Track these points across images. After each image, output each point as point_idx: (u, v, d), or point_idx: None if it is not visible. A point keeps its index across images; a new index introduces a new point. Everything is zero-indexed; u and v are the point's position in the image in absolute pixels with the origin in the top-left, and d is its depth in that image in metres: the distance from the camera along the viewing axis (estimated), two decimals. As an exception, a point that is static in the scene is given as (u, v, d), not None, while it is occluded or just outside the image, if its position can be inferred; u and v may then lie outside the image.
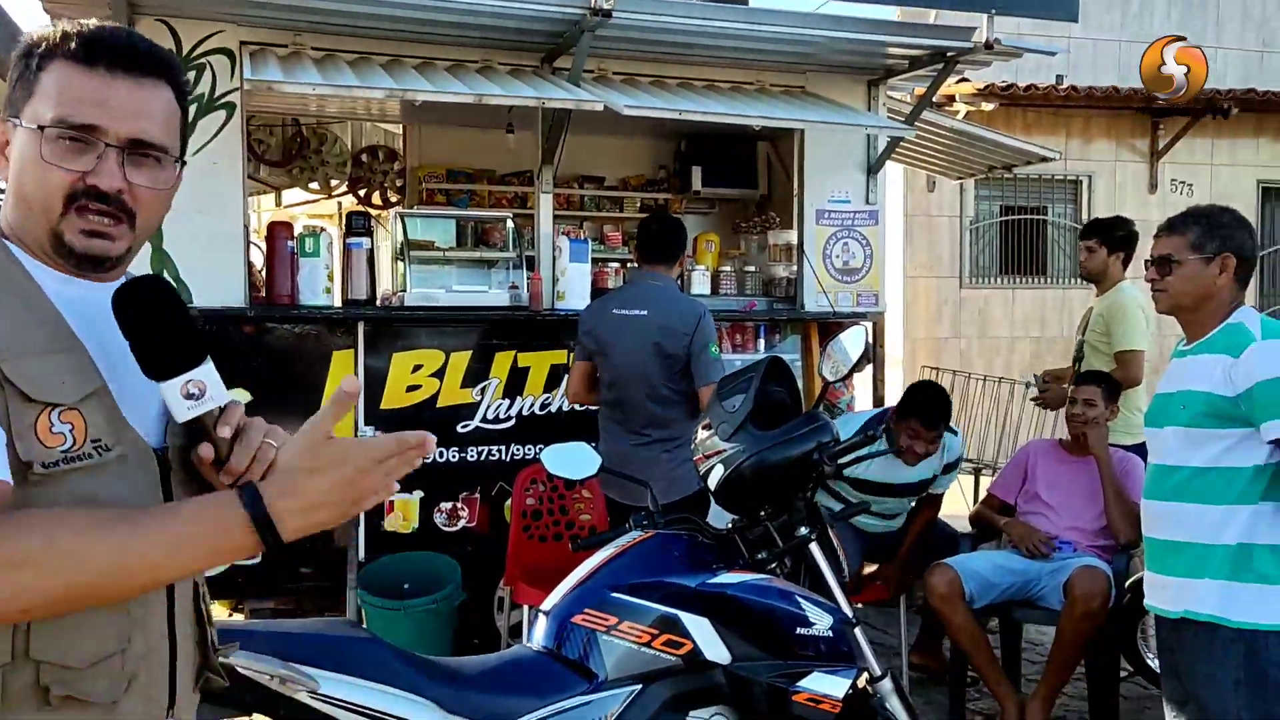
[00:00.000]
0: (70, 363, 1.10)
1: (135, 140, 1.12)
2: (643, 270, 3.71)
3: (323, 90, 3.66)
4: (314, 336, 4.35)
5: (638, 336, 3.54)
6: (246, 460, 1.12)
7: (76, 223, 1.11)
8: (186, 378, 1.10)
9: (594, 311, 3.77)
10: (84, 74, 1.11)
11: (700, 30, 4.24)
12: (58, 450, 1.06)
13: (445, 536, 4.52)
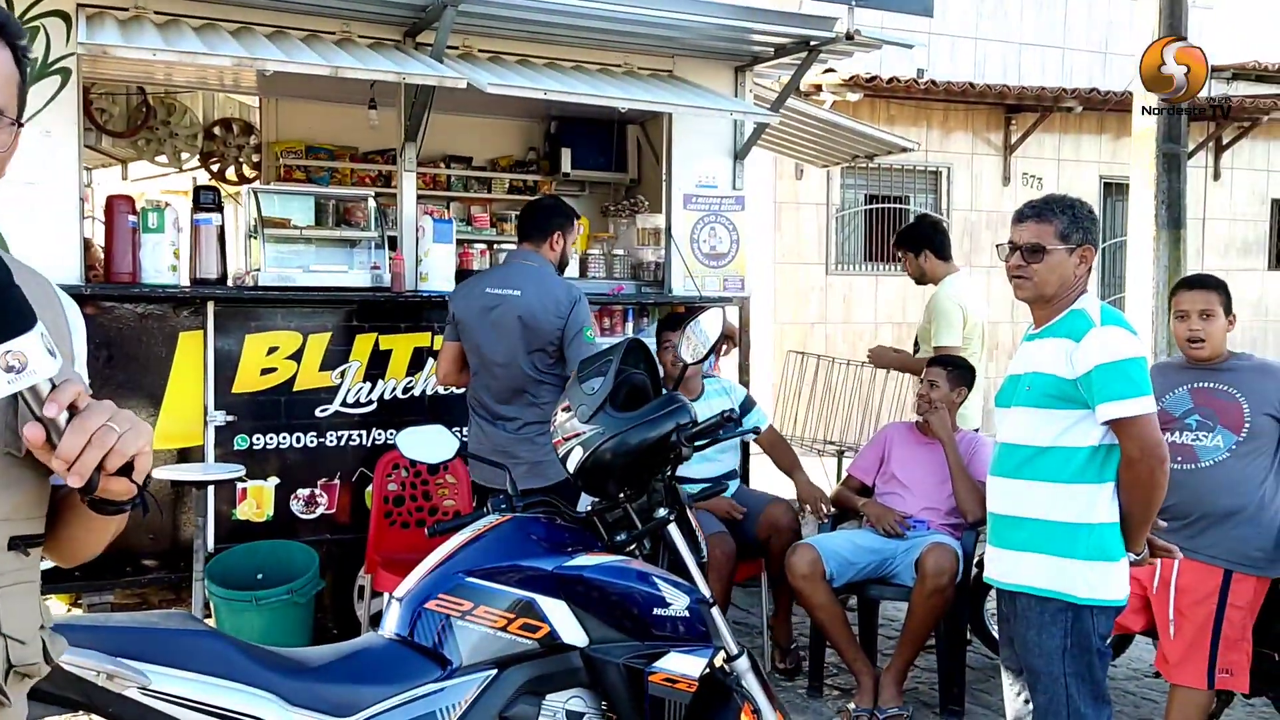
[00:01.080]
0: None
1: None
2: (518, 250, 3.65)
3: (165, 56, 3.46)
4: (158, 317, 4.12)
5: (509, 318, 3.48)
6: (79, 445, 1.02)
7: None
8: (4, 348, 0.99)
9: (465, 290, 3.68)
10: None
11: (568, 10, 4.19)
12: None
13: (303, 524, 4.37)
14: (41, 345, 1.01)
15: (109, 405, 1.07)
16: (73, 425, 1.04)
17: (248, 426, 4.23)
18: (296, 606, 4.03)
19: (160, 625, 2.03)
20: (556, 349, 3.48)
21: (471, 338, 3.56)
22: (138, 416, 1.10)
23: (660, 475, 2.53)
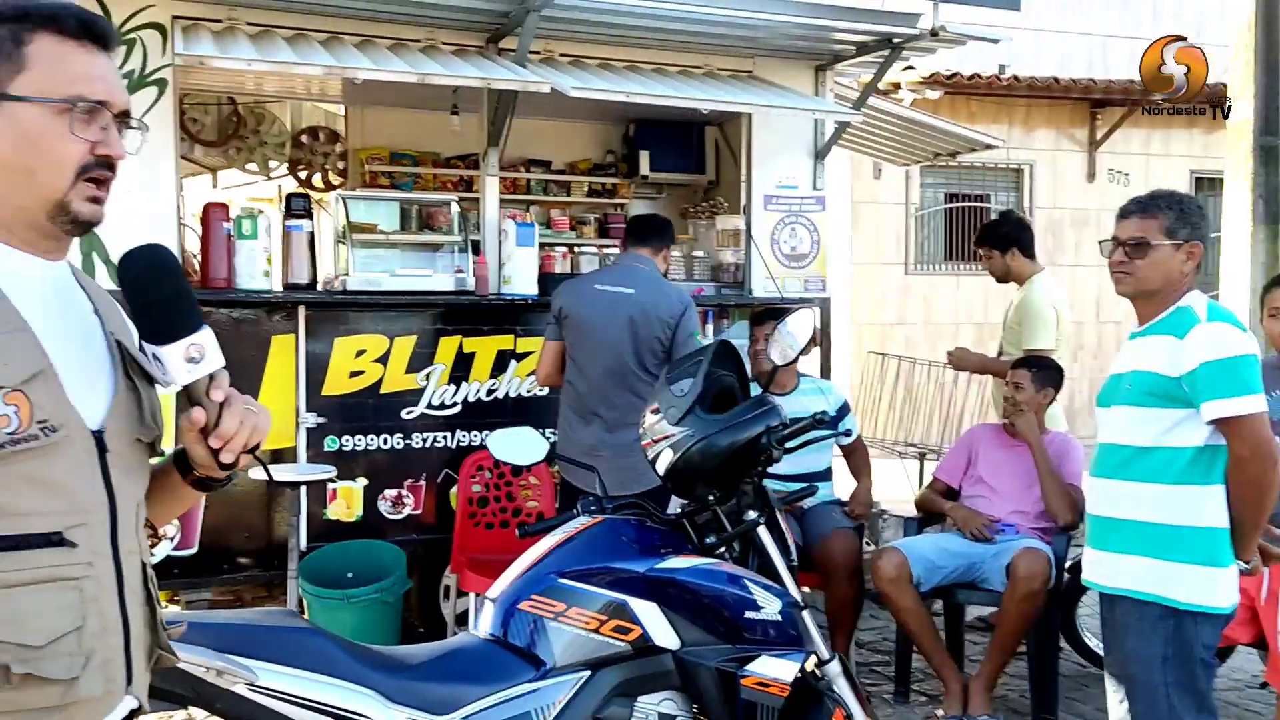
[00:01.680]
0: (14, 343, 1.11)
1: (126, 111, 1.21)
2: (628, 253, 3.68)
3: (259, 66, 3.56)
4: (252, 321, 4.24)
5: (620, 314, 3.51)
6: (235, 425, 1.19)
7: (84, 190, 1.16)
8: (189, 341, 1.15)
9: (572, 288, 3.71)
10: (81, 50, 1.17)
11: (648, 13, 4.20)
12: (4, 431, 1.07)
13: (390, 524, 4.45)
14: (214, 338, 1.19)
15: (238, 393, 1.23)
16: (229, 409, 1.20)
17: (337, 428, 4.32)
18: (386, 605, 4.10)
19: (265, 622, 2.08)
20: (664, 351, 3.52)
21: (578, 335, 3.58)
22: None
23: (750, 477, 2.52)
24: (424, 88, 4.04)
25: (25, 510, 1.11)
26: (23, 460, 1.09)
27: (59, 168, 1.16)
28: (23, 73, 1.15)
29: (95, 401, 1.19)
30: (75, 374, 1.17)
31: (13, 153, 1.15)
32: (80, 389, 1.17)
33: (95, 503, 1.18)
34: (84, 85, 1.17)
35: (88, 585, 1.15)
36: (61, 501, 1.14)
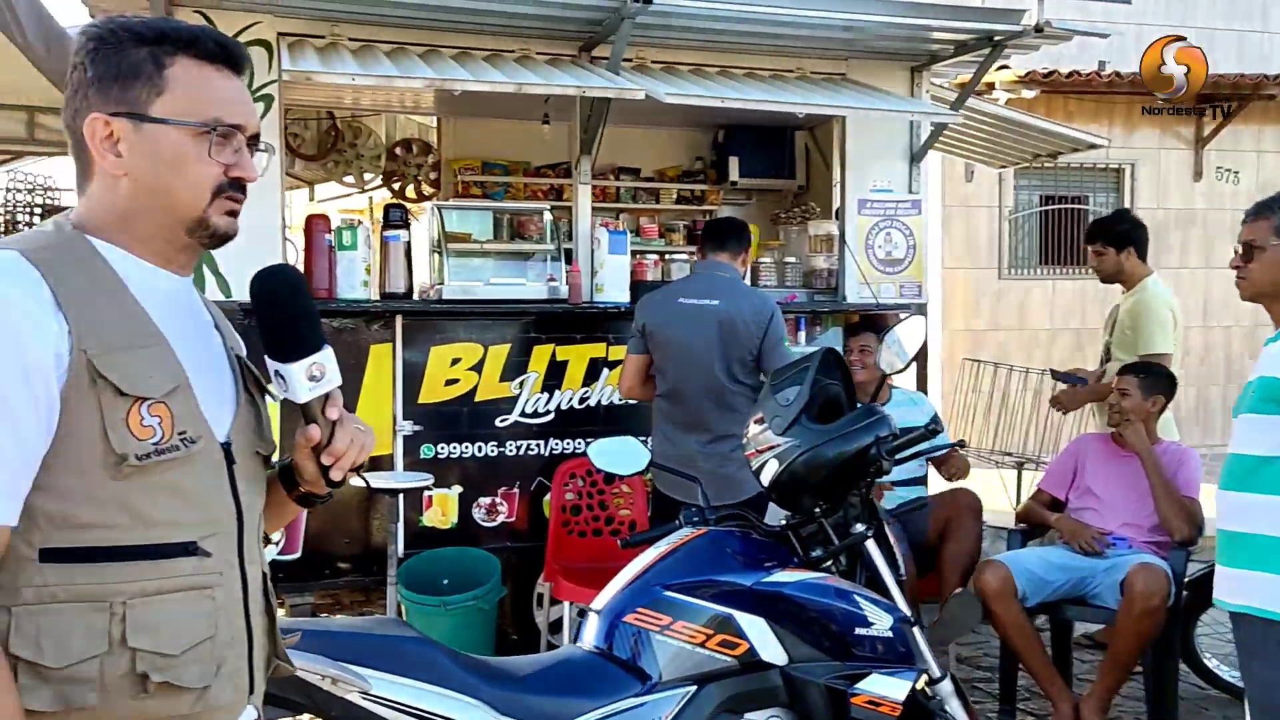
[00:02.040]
0: (156, 357, 1.15)
1: (257, 134, 1.24)
2: (707, 260, 3.64)
3: (362, 80, 3.62)
4: (352, 331, 4.31)
5: (707, 327, 3.48)
6: (347, 442, 1.23)
7: (221, 205, 1.20)
8: (312, 360, 1.19)
9: (655, 302, 3.68)
10: (219, 74, 1.20)
11: (742, 16, 4.16)
12: (149, 442, 1.11)
13: (484, 531, 4.48)
14: (334, 359, 1.22)
15: (350, 414, 1.27)
16: (343, 427, 1.24)
17: (433, 436, 4.37)
18: (482, 612, 4.13)
19: (377, 631, 2.10)
20: (754, 359, 3.49)
21: (665, 349, 3.56)
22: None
23: (858, 489, 2.46)
24: (516, 98, 4.06)
25: (165, 520, 1.14)
26: (164, 470, 1.13)
27: (196, 188, 1.19)
28: (163, 95, 1.18)
29: (222, 414, 1.22)
30: (204, 387, 1.20)
31: (152, 173, 1.18)
32: (209, 402, 1.20)
33: (225, 513, 1.21)
34: (222, 109, 1.20)
35: (219, 594, 1.19)
36: (197, 511, 1.17)
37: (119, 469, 1.09)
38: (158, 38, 1.19)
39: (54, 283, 1.10)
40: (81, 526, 1.09)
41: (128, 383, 1.10)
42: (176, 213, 1.19)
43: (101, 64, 1.18)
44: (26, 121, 5.67)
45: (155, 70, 1.18)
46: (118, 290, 1.15)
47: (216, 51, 1.21)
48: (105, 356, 1.10)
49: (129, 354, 1.12)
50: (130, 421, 1.10)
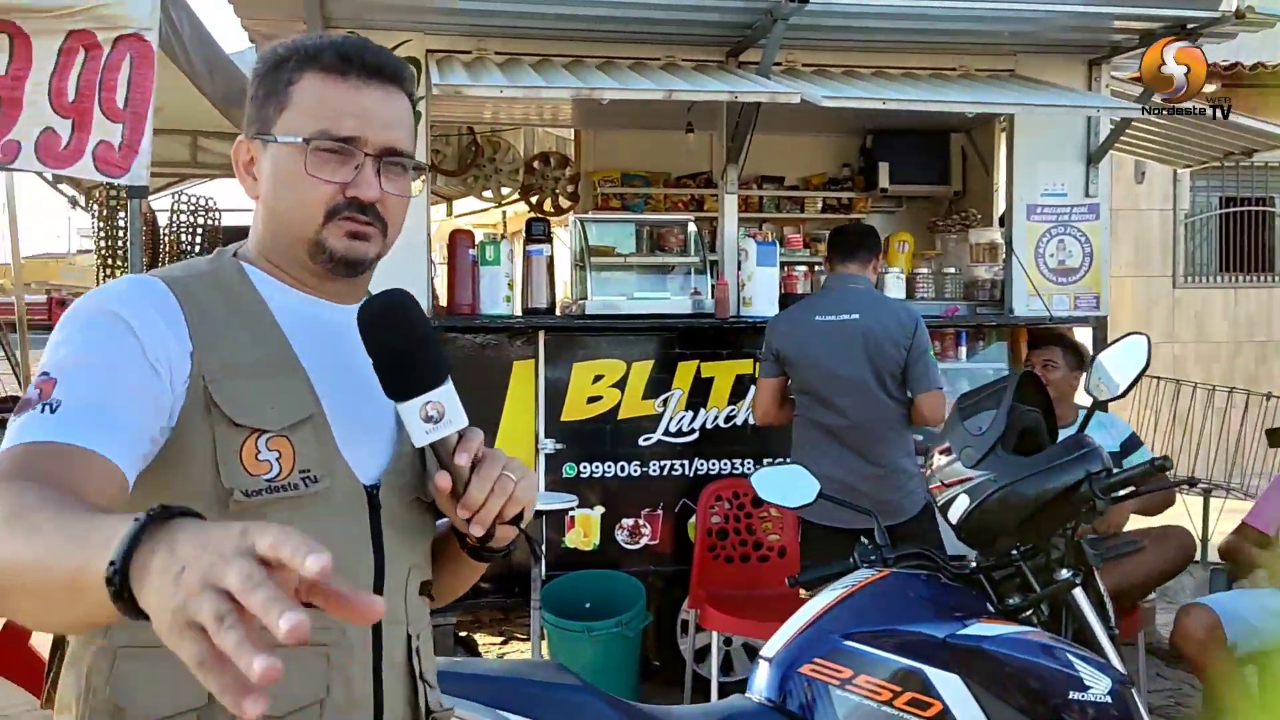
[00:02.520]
0: (284, 386, 1.06)
1: (389, 149, 1.10)
2: (838, 273, 3.43)
3: (510, 92, 3.53)
4: (495, 346, 4.24)
5: (850, 344, 3.28)
6: (484, 493, 1.04)
7: (339, 227, 1.09)
8: (426, 398, 1.03)
9: (790, 321, 3.49)
10: (339, 86, 1.09)
11: (904, 13, 3.91)
12: (262, 479, 1.01)
13: (626, 554, 4.33)
14: (455, 396, 1.04)
15: (502, 454, 1.08)
16: (478, 474, 1.04)
17: (575, 454, 4.25)
18: (626, 640, 3.99)
19: (536, 677, 1.95)
20: (900, 372, 3.27)
21: (808, 370, 3.35)
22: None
23: (1063, 530, 2.18)
24: (658, 107, 3.93)
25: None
26: (277, 511, 1.02)
27: (304, 208, 1.09)
28: (284, 112, 1.11)
29: (372, 454, 1.11)
30: (351, 424, 1.10)
31: (272, 194, 1.12)
32: (355, 440, 1.10)
33: (356, 563, 1.08)
34: (330, 121, 1.08)
35: (336, 653, 1.05)
36: None
37: (226, 506, 1.00)
38: (289, 54, 1.12)
39: (187, 306, 1.05)
40: None
41: (241, 412, 1.02)
42: (293, 235, 1.11)
43: (252, 89, 1.15)
44: (190, 145, 5.87)
45: (284, 87, 1.11)
46: (258, 317, 1.09)
47: (335, 61, 1.10)
48: (223, 383, 1.03)
49: (251, 382, 1.04)
50: (244, 454, 1.01)
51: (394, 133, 1.10)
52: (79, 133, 3.34)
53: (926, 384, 3.28)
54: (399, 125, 1.12)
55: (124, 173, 3.36)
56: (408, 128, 1.13)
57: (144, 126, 3.32)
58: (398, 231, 1.16)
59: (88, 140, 3.31)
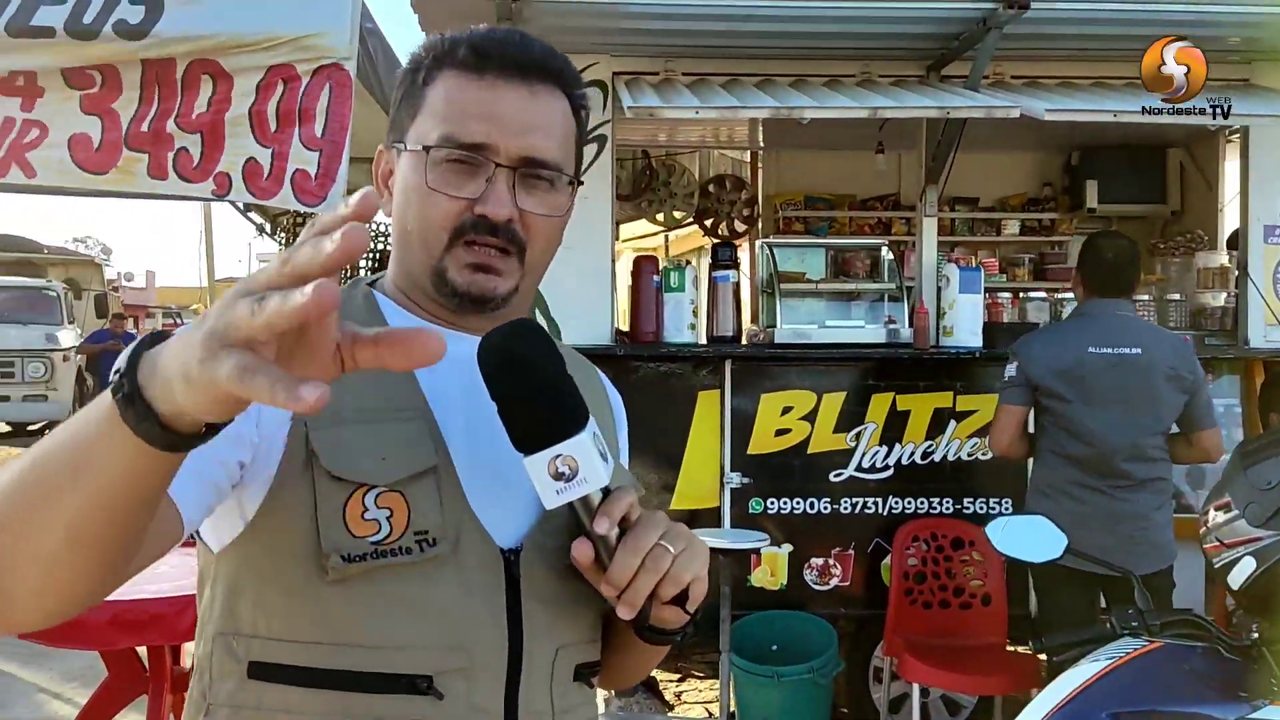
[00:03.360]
0: (402, 434, 0.89)
1: (527, 159, 0.92)
2: (1105, 300, 3.12)
3: (706, 113, 3.43)
4: (679, 376, 4.11)
5: (1133, 381, 3.01)
6: (630, 568, 0.85)
7: (462, 256, 0.92)
8: (554, 451, 0.83)
9: (1053, 349, 3.15)
10: (472, 84, 0.93)
11: (1129, 18, 3.60)
12: (366, 540, 0.86)
13: (815, 595, 4.11)
14: (594, 449, 0.84)
15: (661, 518, 0.89)
16: (624, 545, 0.86)
17: (762, 489, 4.08)
18: (816, 686, 3.78)
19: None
20: (1178, 412, 2.98)
21: (1073, 406, 3.06)
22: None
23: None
24: (845, 127, 3.74)
25: (382, 642, 0.86)
26: (387, 579, 0.86)
27: (427, 229, 0.93)
28: (416, 117, 0.95)
29: (516, 513, 0.92)
30: (489, 477, 0.91)
31: (397, 211, 0.96)
32: (494, 496, 0.91)
33: (487, 643, 0.90)
34: (456, 125, 0.91)
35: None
36: (437, 636, 0.88)
37: (325, 572, 0.85)
38: (428, 51, 0.96)
39: None
40: (280, 639, 0.87)
41: (343, 463, 0.86)
42: (419, 261, 0.94)
43: (399, 89, 0.99)
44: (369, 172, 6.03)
45: (421, 90, 0.95)
46: None
47: (468, 57, 0.93)
48: (326, 430, 0.87)
49: (362, 429, 0.88)
50: (348, 513, 0.86)
51: (534, 139, 0.92)
52: (278, 162, 3.40)
53: (1209, 420, 3.08)
54: (543, 130, 0.93)
55: (320, 201, 3.40)
56: (558, 133, 0.95)
57: (340, 155, 3.36)
58: (545, 258, 0.98)
59: (286, 170, 3.38)
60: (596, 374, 1.13)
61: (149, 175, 3.46)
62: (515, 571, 0.91)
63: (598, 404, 1.06)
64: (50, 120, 3.29)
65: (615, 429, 1.11)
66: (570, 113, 0.97)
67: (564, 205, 0.96)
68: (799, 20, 3.68)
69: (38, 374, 12.67)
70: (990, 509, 4.11)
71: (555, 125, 0.94)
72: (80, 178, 3.25)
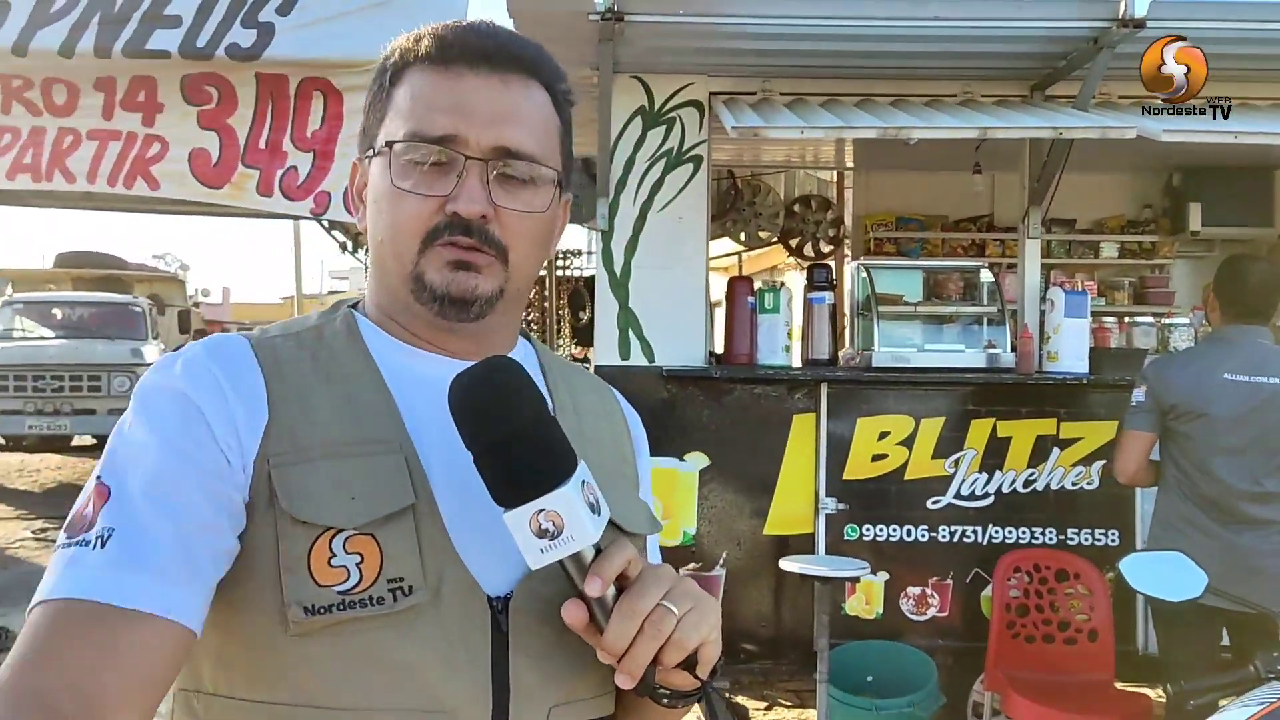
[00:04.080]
0: (374, 470, 0.80)
1: (500, 149, 0.84)
2: (1241, 328, 2.99)
3: (811, 133, 3.39)
4: (773, 399, 4.07)
5: (1267, 411, 2.86)
6: (627, 636, 0.75)
7: (440, 254, 0.83)
8: (535, 506, 0.74)
9: (1187, 375, 3.03)
10: (438, 76, 0.85)
11: (1247, 37, 3.48)
12: (333, 589, 0.76)
13: (911, 625, 4.03)
14: (580, 502, 0.75)
15: (666, 574, 0.78)
16: (620, 608, 0.76)
17: (858, 515, 4.01)
18: (916, 720, 3.67)
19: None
20: None
21: (1209, 434, 2.93)
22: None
23: None
24: (941, 147, 3.68)
25: (349, 704, 0.77)
26: (356, 632, 0.76)
27: (398, 233, 0.85)
28: (384, 121, 0.87)
29: (508, 557, 0.79)
30: (477, 516, 0.81)
31: (368, 220, 0.89)
32: (482, 537, 0.81)
33: (468, 702, 0.79)
34: (420, 120, 0.84)
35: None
36: (411, 696, 0.78)
37: (285, 625, 0.76)
38: (392, 50, 0.89)
39: (269, 370, 0.83)
40: (241, 698, 0.78)
41: (304, 505, 0.77)
42: (394, 270, 0.86)
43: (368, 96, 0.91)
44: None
45: (387, 93, 0.88)
46: (358, 381, 0.85)
47: (432, 50, 0.86)
48: (289, 468, 0.78)
49: (328, 465, 0.79)
50: (313, 559, 0.76)
51: (506, 129, 0.84)
52: (378, 182, 3.45)
53: None
54: (517, 120, 0.85)
55: (420, 221, 3.44)
56: (534, 125, 0.86)
57: (437, 174, 3.40)
58: (530, 264, 0.89)
59: None
60: (612, 396, 1.03)
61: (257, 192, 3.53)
62: (503, 624, 0.81)
63: (614, 433, 0.99)
64: (169, 135, 3.38)
65: (635, 457, 1.01)
66: (551, 106, 0.89)
67: (544, 204, 0.87)
68: (903, 40, 3.63)
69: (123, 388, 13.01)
70: (1096, 540, 3.99)
71: (531, 116, 0.87)
72: (199, 190, 3.33)
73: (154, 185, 3.29)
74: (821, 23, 3.57)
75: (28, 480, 11.11)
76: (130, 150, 3.41)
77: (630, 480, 0.98)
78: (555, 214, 0.90)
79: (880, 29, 3.57)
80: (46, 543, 7.69)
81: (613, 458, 0.95)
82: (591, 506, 0.76)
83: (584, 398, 0.97)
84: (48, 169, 3.54)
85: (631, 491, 0.96)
